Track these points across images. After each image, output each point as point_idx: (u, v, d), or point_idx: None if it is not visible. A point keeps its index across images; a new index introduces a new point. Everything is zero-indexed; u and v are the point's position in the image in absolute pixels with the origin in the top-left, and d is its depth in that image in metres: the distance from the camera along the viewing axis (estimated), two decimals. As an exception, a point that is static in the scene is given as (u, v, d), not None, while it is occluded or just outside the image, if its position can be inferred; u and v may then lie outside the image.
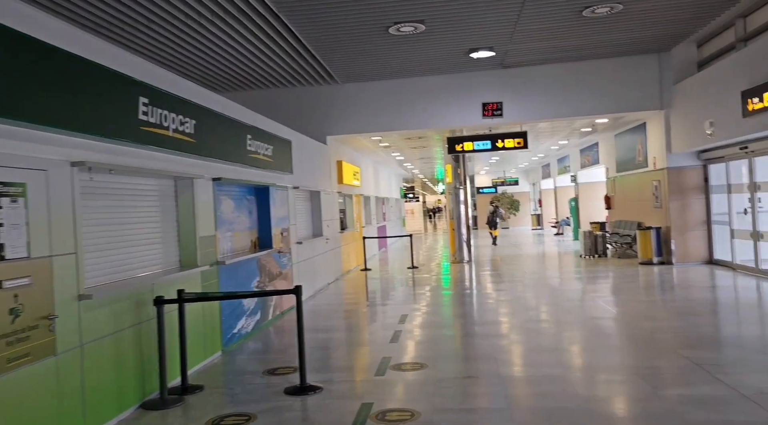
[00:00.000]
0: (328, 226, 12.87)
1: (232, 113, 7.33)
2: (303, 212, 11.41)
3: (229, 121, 7.08)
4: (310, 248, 11.14)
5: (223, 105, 7.16)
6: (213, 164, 6.79)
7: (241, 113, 7.78)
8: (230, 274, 7.16)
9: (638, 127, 14.09)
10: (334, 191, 13.79)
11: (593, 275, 12.01)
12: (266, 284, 8.43)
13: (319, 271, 11.77)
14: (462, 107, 12.92)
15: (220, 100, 7.13)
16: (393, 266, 15.86)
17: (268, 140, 8.51)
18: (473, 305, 9.18)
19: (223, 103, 7.22)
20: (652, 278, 11.15)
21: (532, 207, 33.75)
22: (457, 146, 14.00)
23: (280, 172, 9.19)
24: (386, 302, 9.96)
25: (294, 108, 13.37)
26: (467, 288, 11.11)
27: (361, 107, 13.22)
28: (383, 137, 14.80)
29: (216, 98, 6.98)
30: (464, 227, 15.67)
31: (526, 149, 13.86)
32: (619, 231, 15.67)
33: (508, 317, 7.99)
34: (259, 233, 8.78)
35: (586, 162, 19.79)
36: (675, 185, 12.47)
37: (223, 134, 6.87)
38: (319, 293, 11.17)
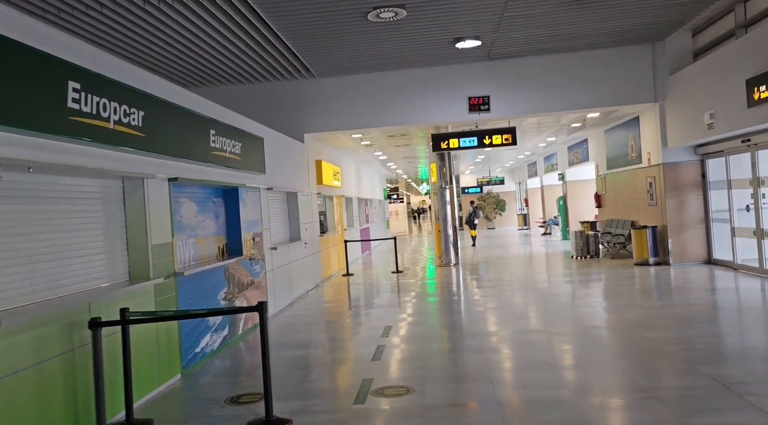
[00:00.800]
0: (307, 229, 12.10)
1: (191, 104, 6.54)
2: (278, 215, 10.63)
3: (187, 113, 6.29)
4: (287, 254, 10.37)
5: (179, 96, 6.36)
6: (168, 161, 6.00)
7: (202, 105, 6.99)
8: (191, 286, 6.37)
9: (630, 121, 13.52)
10: (312, 192, 13.02)
11: (587, 277, 11.38)
12: (235, 296, 7.65)
13: (297, 278, 11.00)
14: (447, 102, 12.23)
15: (176, 90, 6.33)
16: (377, 271, 15.12)
17: (235, 136, 7.73)
18: (462, 313, 8.47)
19: (180, 93, 6.43)
20: (649, 280, 10.54)
21: (518, 207, 33.22)
22: (442, 144, 13.31)
23: (251, 172, 8.41)
24: (369, 311, 9.22)
25: (268, 105, 12.59)
26: (455, 294, 10.40)
27: (339, 102, 12.48)
28: (364, 134, 14.06)
29: (170, 87, 6.18)
30: (451, 229, 14.99)
31: (514, 146, 13.21)
32: (611, 231, 15.09)
33: (500, 328, 7.29)
34: (228, 239, 7.99)
35: (575, 160, 19.23)
36: (671, 182, 11.90)
37: (180, 129, 6.08)
38: (297, 302, 10.40)
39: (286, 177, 10.83)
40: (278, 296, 9.60)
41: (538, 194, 27.37)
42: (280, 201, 10.90)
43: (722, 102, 9.49)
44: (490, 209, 32.12)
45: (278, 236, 10.44)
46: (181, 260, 6.47)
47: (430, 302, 9.57)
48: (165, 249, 5.79)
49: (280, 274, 9.87)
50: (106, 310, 4.69)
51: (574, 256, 14.61)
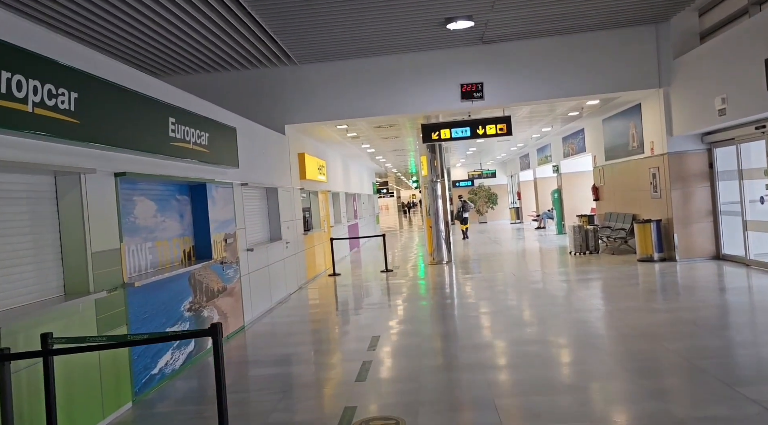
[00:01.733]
0: (289, 228, 11.26)
1: (143, 87, 5.67)
2: (256, 212, 9.77)
3: (138, 98, 5.42)
4: (266, 255, 9.52)
5: (127, 76, 5.48)
6: (114, 153, 5.13)
7: (159, 89, 6.11)
8: (146, 298, 5.52)
9: (631, 109, 12.77)
10: (295, 187, 12.17)
11: (589, 276, 10.63)
12: (203, 305, 6.80)
13: (278, 280, 10.16)
14: (438, 89, 11.41)
15: (122, 69, 5.44)
16: (365, 270, 14.31)
17: (201, 125, 6.86)
18: (457, 320, 7.68)
19: (128, 73, 5.53)
20: (656, 278, 9.81)
21: (510, 200, 32.52)
22: (432, 134, 12.49)
23: (221, 165, 7.55)
24: (355, 317, 8.41)
25: (245, 95, 11.70)
26: (448, 297, 9.61)
27: (322, 91, 11.61)
28: (349, 125, 13.21)
29: (113, 66, 5.28)
30: (443, 224, 14.21)
31: (509, 136, 12.42)
32: (611, 225, 14.37)
33: (500, 338, 6.50)
34: (196, 241, 7.13)
35: (570, 151, 18.49)
36: (676, 172, 11.16)
37: (129, 115, 5.21)
38: (277, 307, 9.56)
39: (264, 172, 9.97)
40: (256, 302, 8.76)
41: (531, 187, 26.67)
42: (258, 198, 10.04)
43: (736, 85, 8.74)
44: (482, 203, 31.40)
45: (256, 236, 9.59)
46: (134, 268, 5.62)
47: (421, 307, 8.77)
48: (110, 257, 4.93)
49: (258, 277, 9.03)
50: (28, 335, 3.84)
51: (573, 252, 13.88)
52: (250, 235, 9.06)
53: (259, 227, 9.90)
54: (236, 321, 7.81)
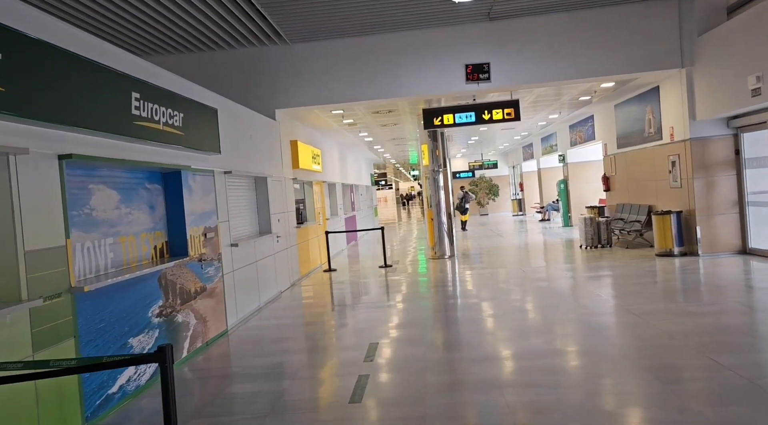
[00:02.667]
0: (280, 220, 10.41)
1: (95, 54, 4.78)
2: (243, 204, 8.92)
3: (88, 66, 4.55)
4: (253, 250, 8.67)
5: (75, 39, 4.58)
6: (57, 132, 4.27)
7: (118, 59, 5.22)
8: (101, 305, 4.67)
9: (648, 93, 11.90)
10: (287, 177, 11.31)
11: (606, 273, 9.80)
12: (177, 309, 5.96)
13: (268, 278, 9.32)
14: (441, 70, 10.53)
15: (67, 30, 4.53)
16: (363, 265, 13.48)
17: (173, 103, 5.99)
18: (464, 324, 6.84)
19: (75, 36, 4.63)
20: (680, 275, 8.98)
21: (512, 192, 31.67)
22: (435, 120, 11.62)
23: (200, 151, 6.69)
24: (350, 320, 7.58)
25: (232, 76, 10.81)
26: (453, 297, 8.78)
27: (315, 73, 10.73)
28: (345, 110, 12.33)
29: (51, 24, 4.37)
30: (445, 216, 13.37)
31: (516, 122, 11.56)
32: (624, 217, 13.54)
33: (515, 347, 5.67)
34: (169, 237, 6.28)
35: (578, 139, 17.63)
36: (699, 160, 10.31)
37: (76, 86, 4.34)
38: (266, 308, 8.73)
39: (251, 159, 9.11)
40: (241, 302, 7.93)
41: (534, 178, 25.82)
42: (246, 188, 9.18)
43: (773, 62, 7.89)
44: (483, 195, 30.56)
45: (242, 230, 8.74)
46: (88, 269, 4.77)
47: (423, 308, 7.94)
48: (52, 256, 4.08)
49: (244, 275, 8.19)
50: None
51: (584, 245, 13.04)
52: (235, 228, 8.21)
53: (246, 220, 9.05)
54: (218, 325, 6.97)
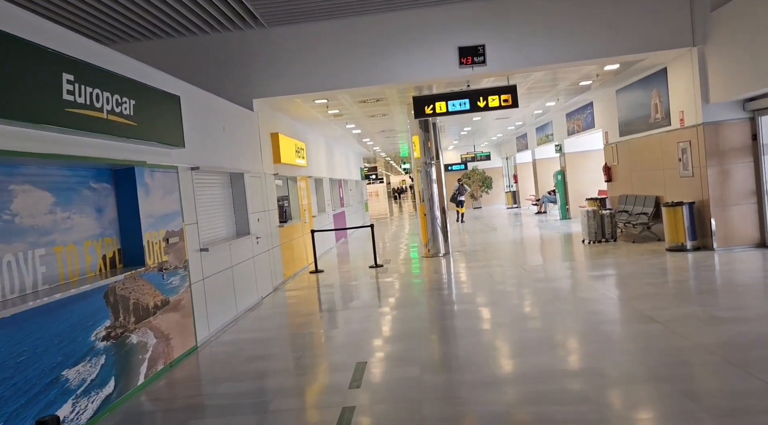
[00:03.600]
0: (260, 220, 9.55)
1: (10, 25, 3.90)
2: (216, 203, 8.05)
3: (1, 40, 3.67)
4: (228, 254, 7.82)
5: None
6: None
7: (41, 31, 4.32)
8: (22, 333, 3.81)
9: (654, 75, 11.11)
10: (267, 172, 10.44)
11: (616, 271, 9.03)
12: (130, 329, 5.10)
13: (246, 283, 8.47)
14: (431, 54, 9.68)
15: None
16: (352, 265, 12.66)
17: (121, 88, 5.11)
18: (463, 337, 6.03)
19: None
20: (697, 272, 8.23)
21: (506, 184, 30.90)
22: (426, 108, 10.77)
23: (157, 144, 5.82)
24: (335, 332, 6.77)
25: (204, 63, 9.92)
26: (449, 302, 7.97)
27: (295, 59, 9.85)
28: (330, 100, 11.46)
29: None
30: (438, 211, 12.56)
31: (514, 109, 10.75)
32: (628, 209, 12.78)
33: (525, 366, 4.87)
34: (122, 243, 5.42)
35: (576, 128, 16.85)
36: (713, 146, 9.54)
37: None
38: (244, 317, 7.88)
39: (225, 153, 8.24)
40: (214, 313, 7.08)
41: (528, 170, 25.05)
42: (220, 185, 8.32)
43: (801, 35, 7.11)
44: (476, 187, 29.77)
45: (216, 232, 7.88)
46: (9, 289, 3.90)
47: (417, 317, 7.12)
48: (-54, 278, 3.21)
49: (218, 283, 7.33)
50: None
51: (586, 240, 12.28)
52: (206, 231, 7.35)
53: (221, 221, 8.19)
54: (185, 342, 6.13)
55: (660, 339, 5.18)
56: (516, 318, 6.45)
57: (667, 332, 5.35)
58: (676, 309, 6.14)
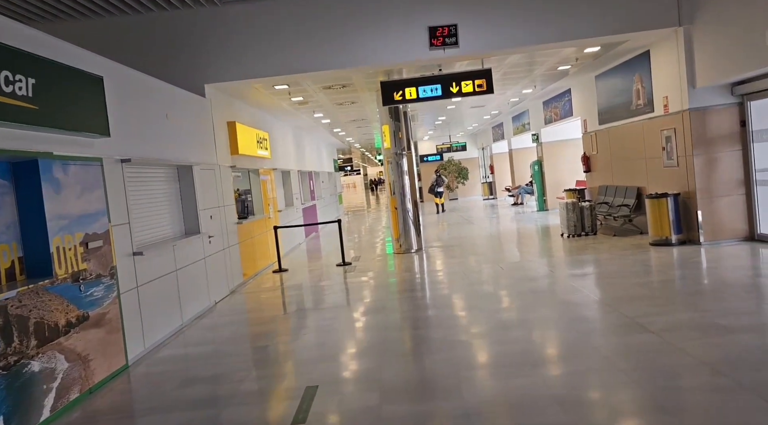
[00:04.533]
0: (213, 217, 8.69)
1: None
2: (157, 200, 7.17)
3: None
4: (171, 256, 6.96)
5: None
6: None
7: None
8: None
9: (636, 59, 10.48)
10: (223, 164, 9.56)
11: (598, 268, 8.41)
12: (30, 354, 4.24)
13: (195, 288, 7.62)
14: (400, 35, 8.89)
15: None
16: (320, 262, 11.87)
17: (13, 63, 4.21)
18: (436, 352, 5.29)
19: None
20: (688, 270, 7.63)
21: (482, 174, 30.31)
22: (395, 94, 10.00)
23: (71, 132, 4.94)
24: (289, 345, 5.99)
25: (150, 45, 8.98)
26: (420, 307, 7.23)
27: (252, 40, 8.97)
28: (291, 85, 10.59)
29: None
30: (410, 204, 11.81)
31: (490, 94, 10.03)
32: (609, 201, 12.20)
33: (510, 392, 4.15)
34: (24, 251, 4.54)
35: (553, 117, 16.23)
36: (699, 134, 8.95)
37: None
38: (192, 326, 7.04)
39: (170, 144, 7.36)
40: (152, 325, 6.23)
41: (505, 160, 24.44)
42: (163, 180, 7.44)
43: (800, 10, 6.49)
44: (452, 178, 29.12)
45: (156, 232, 7.01)
46: None
47: (383, 326, 6.37)
48: None
49: (157, 290, 6.48)
50: None
51: (565, 234, 11.66)
52: (142, 232, 6.49)
53: (164, 219, 7.31)
54: (111, 362, 5.28)
55: (656, 354, 4.50)
56: (495, 327, 5.73)
57: (664, 345, 4.68)
58: (670, 315, 5.48)
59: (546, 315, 6.01)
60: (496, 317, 6.11)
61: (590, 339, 5.04)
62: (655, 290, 6.56)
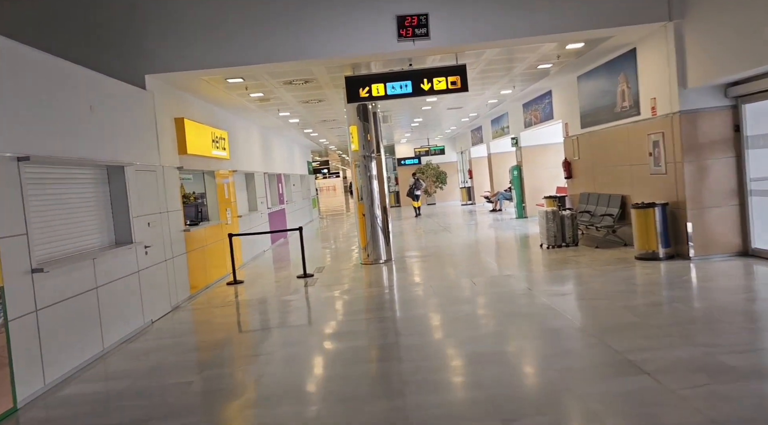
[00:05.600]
0: (151, 224, 7.70)
1: None
2: (75, 205, 6.17)
3: None
4: (88, 272, 5.96)
5: None
6: None
7: None
8: None
9: (621, 58, 9.74)
10: (168, 165, 8.58)
11: (581, 287, 7.62)
12: None
13: (122, 307, 6.62)
14: (365, 24, 8.02)
15: None
16: (281, 273, 10.93)
17: None
18: (405, 392, 4.40)
19: None
20: (679, 291, 6.86)
21: (460, 179, 29.58)
22: (361, 91, 9.10)
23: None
24: (224, 381, 5.06)
25: (80, 28, 7.97)
26: (385, 334, 6.33)
27: (199, 26, 8.03)
28: (246, 79, 9.63)
29: None
30: (379, 210, 10.93)
31: (464, 92, 9.21)
32: (591, 209, 11.45)
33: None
34: None
35: (533, 120, 15.49)
36: (690, 139, 8.22)
37: None
38: (114, 353, 6.05)
39: (94, 140, 6.37)
40: (56, 356, 5.24)
41: (484, 164, 23.71)
42: (85, 182, 6.45)
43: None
44: (430, 183, 28.33)
45: (72, 243, 6.01)
46: None
47: (340, 358, 5.47)
48: None
49: (65, 312, 5.48)
50: None
51: (545, 244, 10.87)
52: (48, 244, 5.49)
53: (84, 228, 6.31)
54: None
55: (658, 409, 3.65)
56: (474, 356, 4.90)
57: (664, 394, 3.84)
58: (665, 350, 4.66)
59: (523, 347, 5.17)
60: (471, 343, 5.26)
61: (574, 383, 4.19)
62: (645, 316, 5.75)
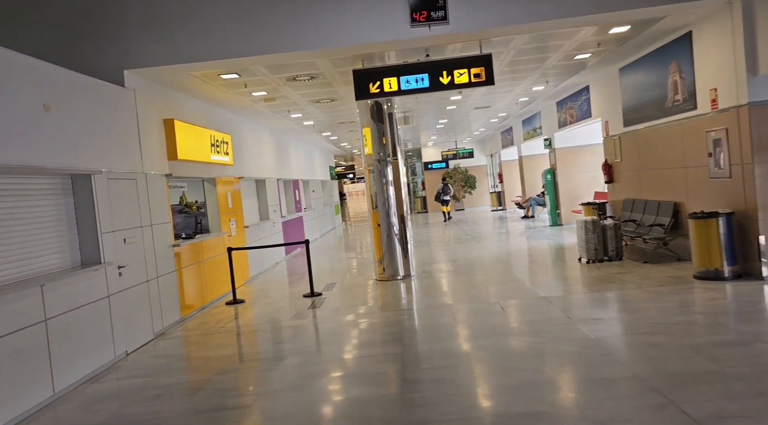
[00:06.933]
0: (128, 240, 6.73)
1: None
2: (19, 222, 5.23)
3: None
4: (32, 303, 4.98)
5: None
6: None
7: None
8: None
9: (672, 45, 8.42)
10: (153, 172, 7.62)
11: (631, 316, 6.35)
12: None
13: (84, 341, 5.64)
14: (372, 6, 6.93)
15: None
16: (289, 290, 9.90)
17: None
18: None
19: None
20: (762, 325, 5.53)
21: (490, 184, 28.21)
22: (371, 86, 8.01)
23: None
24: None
25: (51, 18, 7.08)
26: (390, 376, 5.20)
27: (187, 15, 7.07)
28: (243, 75, 8.61)
29: None
30: (396, 219, 9.78)
31: (489, 86, 8.03)
32: (637, 218, 10.09)
33: None
34: None
35: (569, 119, 14.16)
36: (761, 136, 6.86)
37: None
38: (70, 397, 5.06)
39: (51, 144, 5.43)
40: None
41: (515, 168, 22.34)
42: (39, 193, 5.51)
43: None
44: (458, 187, 27.04)
45: (14, 268, 5.05)
46: None
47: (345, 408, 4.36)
48: None
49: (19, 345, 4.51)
50: None
51: (584, 258, 9.56)
52: None
53: (34, 248, 5.36)
54: None
55: None
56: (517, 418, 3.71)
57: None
58: (763, 419, 3.40)
59: (562, 408, 3.96)
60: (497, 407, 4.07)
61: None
62: (721, 362, 4.47)
